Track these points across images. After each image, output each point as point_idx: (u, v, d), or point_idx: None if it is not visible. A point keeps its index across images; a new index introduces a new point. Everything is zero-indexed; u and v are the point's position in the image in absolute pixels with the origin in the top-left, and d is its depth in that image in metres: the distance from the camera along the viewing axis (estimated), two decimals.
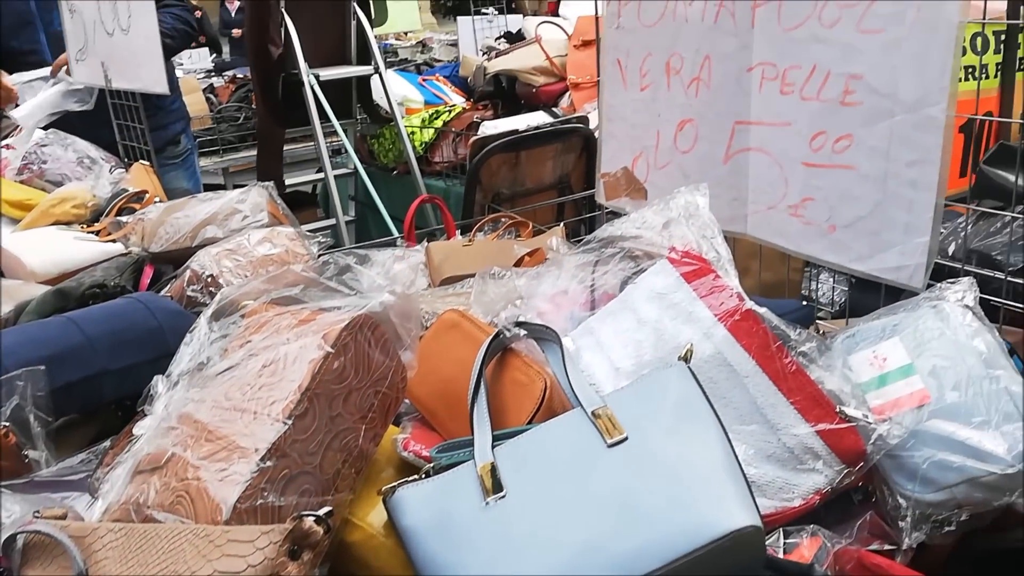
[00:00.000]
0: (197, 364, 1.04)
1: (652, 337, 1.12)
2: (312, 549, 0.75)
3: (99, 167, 2.60)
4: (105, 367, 1.50)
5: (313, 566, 0.76)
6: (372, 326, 0.98)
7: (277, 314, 1.02)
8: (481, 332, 1.14)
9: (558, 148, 2.91)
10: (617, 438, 0.89)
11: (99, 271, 1.91)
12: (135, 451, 0.96)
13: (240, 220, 2.01)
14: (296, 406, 0.89)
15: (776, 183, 1.48)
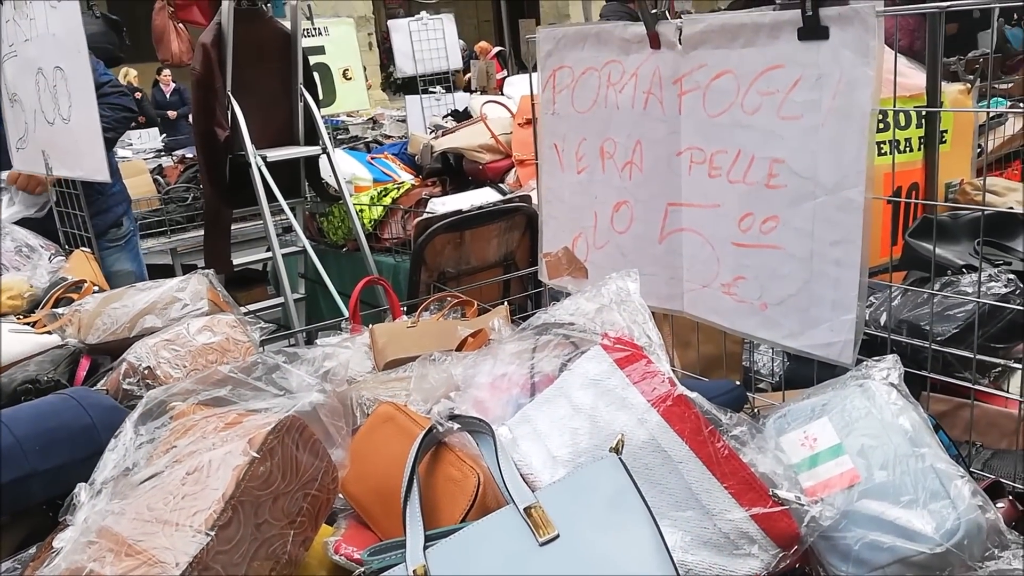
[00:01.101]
0: (122, 470, 1.01)
1: (588, 424, 1.12)
2: None
3: (38, 255, 2.56)
4: (35, 468, 1.45)
5: None
6: (300, 428, 0.96)
7: (204, 417, 1.00)
8: (416, 425, 1.12)
9: (502, 226, 2.94)
10: (548, 536, 0.88)
11: (33, 365, 1.87)
12: (54, 566, 0.92)
13: (180, 309, 1.98)
14: (219, 516, 0.86)
15: (709, 262, 1.51)
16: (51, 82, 2.59)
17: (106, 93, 2.98)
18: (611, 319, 1.16)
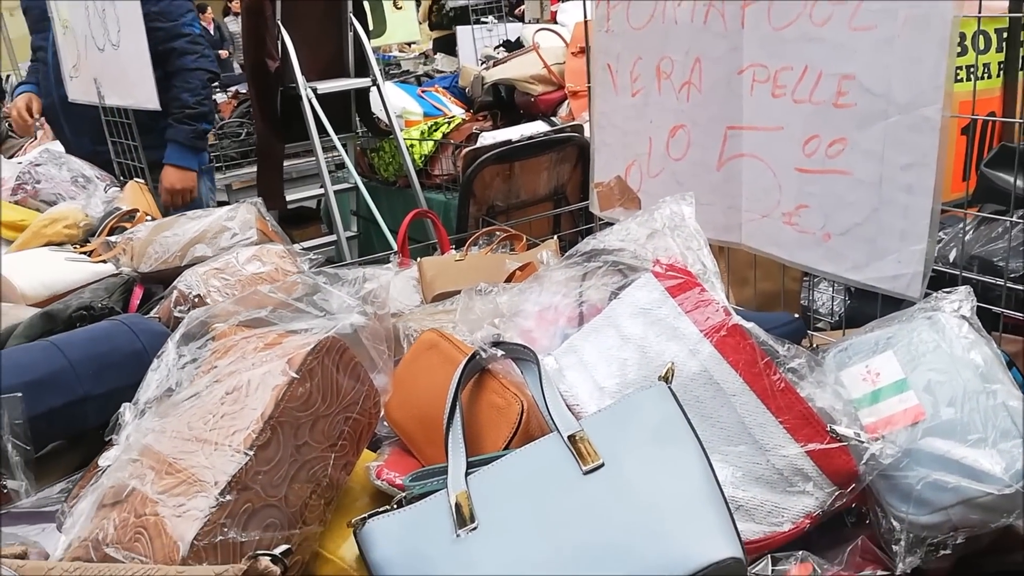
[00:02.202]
0: (164, 391, 1.01)
1: (636, 355, 1.09)
2: None
3: (93, 186, 2.59)
4: (88, 392, 1.48)
5: None
6: (340, 349, 0.94)
7: (244, 338, 0.99)
8: (460, 353, 1.10)
9: (552, 158, 2.87)
10: (592, 465, 0.85)
11: (88, 293, 1.89)
12: (99, 484, 0.93)
13: (229, 238, 1.99)
14: (258, 436, 0.85)
15: (770, 190, 1.44)
16: (100, 6, 2.58)
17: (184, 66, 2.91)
18: (664, 245, 1.12)
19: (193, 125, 2.96)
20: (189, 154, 2.99)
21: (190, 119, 2.94)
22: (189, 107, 2.92)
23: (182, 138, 2.94)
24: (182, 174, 2.95)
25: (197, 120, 2.97)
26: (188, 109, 2.92)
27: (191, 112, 2.93)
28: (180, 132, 2.94)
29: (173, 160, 2.96)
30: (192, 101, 2.92)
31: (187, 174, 2.97)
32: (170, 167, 2.95)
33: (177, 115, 2.92)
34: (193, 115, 2.95)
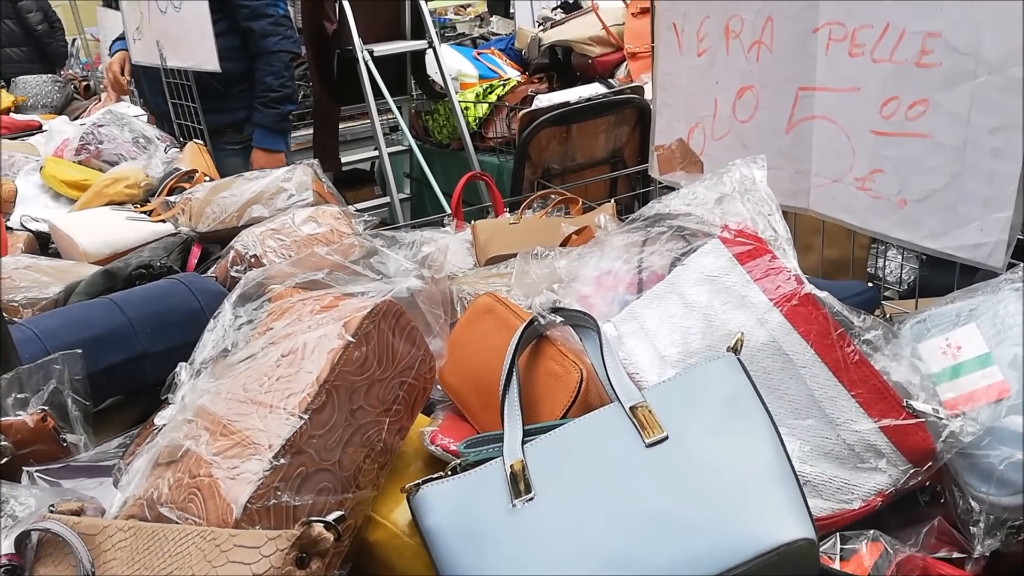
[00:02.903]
0: (220, 351, 0.99)
1: (701, 323, 1.04)
2: (321, 557, 0.70)
3: (154, 147, 2.60)
4: (146, 349, 1.49)
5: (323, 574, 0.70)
6: (397, 313, 0.91)
7: (301, 300, 0.97)
8: (516, 318, 1.06)
9: (611, 121, 2.79)
10: (656, 437, 0.81)
11: (147, 252, 1.90)
12: (154, 443, 0.92)
13: (286, 199, 1.97)
14: (313, 399, 0.83)
15: (842, 153, 1.36)
16: None
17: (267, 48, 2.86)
18: (733, 210, 1.06)
19: (278, 108, 2.93)
20: (276, 137, 2.97)
21: (275, 102, 2.91)
22: (273, 90, 2.89)
23: (268, 122, 2.93)
24: (270, 157, 2.93)
25: (281, 103, 2.94)
26: (272, 92, 2.89)
27: (275, 95, 2.91)
28: (266, 116, 2.92)
29: (261, 144, 2.95)
30: (276, 84, 2.89)
31: (275, 156, 2.95)
32: (259, 151, 2.95)
33: (263, 99, 2.90)
34: (277, 98, 2.92)
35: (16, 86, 4.27)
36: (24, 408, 1.26)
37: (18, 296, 1.73)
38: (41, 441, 1.25)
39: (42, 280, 1.80)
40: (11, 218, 2.27)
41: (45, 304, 1.74)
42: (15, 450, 1.21)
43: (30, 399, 1.28)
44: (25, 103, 4.17)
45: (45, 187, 2.41)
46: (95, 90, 4.86)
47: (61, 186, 2.38)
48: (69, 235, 2.02)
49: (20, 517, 0.88)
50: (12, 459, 1.20)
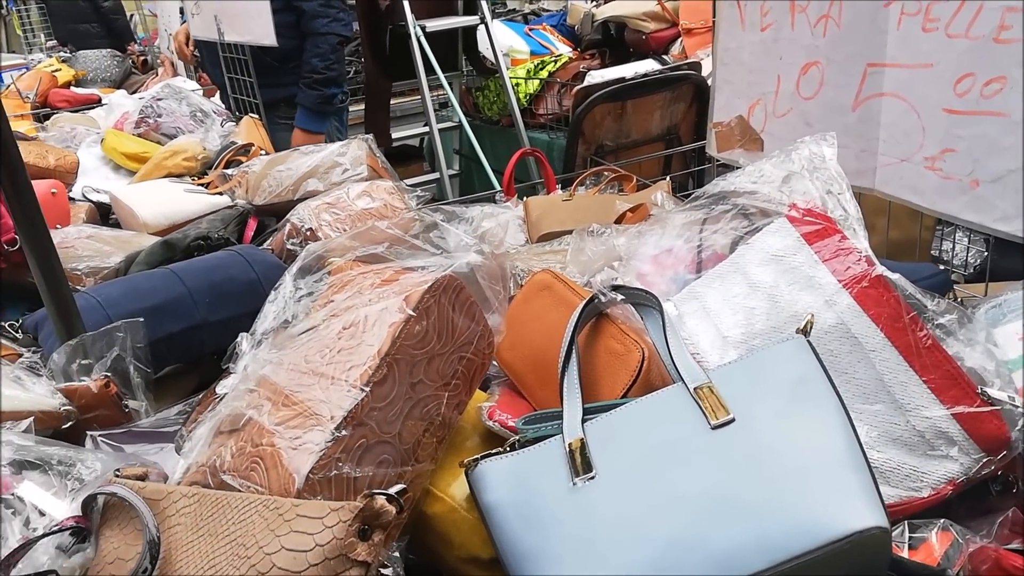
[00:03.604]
0: (281, 322, 0.99)
1: (766, 304, 1.01)
2: (383, 529, 0.69)
3: (211, 120, 2.63)
4: (205, 319, 1.50)
5: (384, 546, 0.70)
6: (457, 288, 0.90)
7: (361, 273, 0.96)
8: (575, 295, 1.04)
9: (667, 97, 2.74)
10: (722, 419, 0.79)
11: (205, 223, 1.92)
12: (216, 411, 0.92)
13: (340, 173, 1.97)
14: (374, 372, 0.82)
15: (912, 132, 1.31)
16: None
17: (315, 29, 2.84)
18: (801, 188, 1.02)
19: (320, 90, 2.91)
20: (317, 118, 2.96)
21: (318, 84, 2.90)
22: (317, 72, 2.88)
23: (309, 103, 2.91)
24: (309, 137, 2.91)
25: (325, 85, 2.92)
26: (316, 74, 2.88)
27: (319, 77, 2.89)
28: (308, 97, 2.91)
29: (302, 124, 2.94)
30: (320, 66, 2.87)
31: (314, 137, 2.92)
32: (299, 131, 2.94)
33: (307, 80, 2.89)
34: (321, 80, 2.90)
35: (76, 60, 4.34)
36: (88, 374, 1.29)
37: (80, 265, 1.76)
38: (104, 406, 1.27)
39: (104, 250, 1.83)
40: (73, 189, 2.31)
41: (106, 273, 1.77)
42: (79, 415, 1.24)
43: (94, 365, 1.30)
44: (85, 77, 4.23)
45: (105, 159, 2.45)
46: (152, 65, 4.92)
47: (121, 158, 2.42)
48: (129, 206, 2.05)
49: (86, 481, 0.89)
50: (76, 423, 1.22)
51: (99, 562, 0.81)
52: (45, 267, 1.24)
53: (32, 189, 1.20)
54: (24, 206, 1.18)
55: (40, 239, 1.21)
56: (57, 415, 1.21)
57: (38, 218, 1.19)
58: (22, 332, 1.55)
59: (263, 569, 0.69)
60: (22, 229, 1.20)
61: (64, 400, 1.23)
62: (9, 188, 1.16)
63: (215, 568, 0.72)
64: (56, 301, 1.28)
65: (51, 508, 0.87)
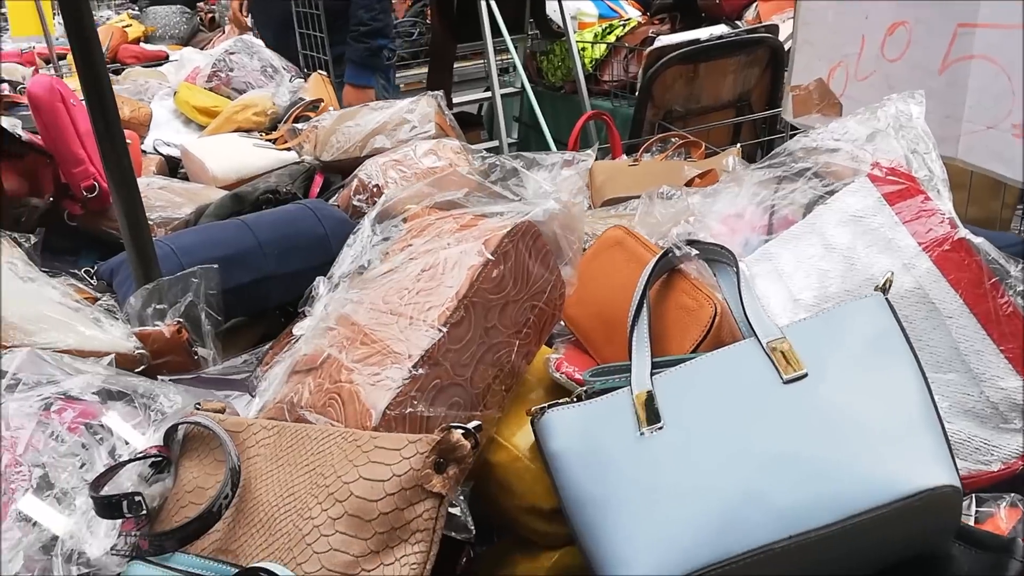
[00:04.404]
0: (358, 266, 1.03)
1: (841, 266, 1.01)
2: (458, 463, 0.72)
3: (280, 76, 2.68)
4: (273, 271, 1.55)
5: (458, 481, 0.73)
6: (534, 235, 0.92)
7: (440, 218, 0.99)
8: (647, 251, 1.06)
9: (741, 61, 2.70)
10: (794, 374, 0.80)
11: (273, 178, 1.97)
12: (293, 351, 0.96)
13: (408, 131, 2.01)
14: (452, 314, 0.85)
15: (1001, 97, 1.28)
16: None
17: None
18: (886, 146, 1.01)
19: (367, 43, 2.92)
20: (365, 72, 2.97)
21: (365, 36, 2.91)
22: (363, 24, 2.89)
23: (357, 57, 2.93)
24: (359, 92, 2.93)
25: (371, 37, 2.93)
26: (363, 26, 2.89)
27: (365, 29, 2.90)
28: (355, 51, 2.92)
29: (351, 79, 2.95)
30: (366, 17, 2.88)
31: (364, 92, 2.95)
32: (348, 86, 2.96)
33: (353, 33, 2.90)
34: (367, 32, 2.91)
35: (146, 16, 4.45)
36: (162, 319, 1.34)
37: (153, 215, 1.82)
38: (175, 352, 1.32)
39: (175, 201, 1.90)
40: (145, 142, 2.39)
41: (177, 224, 1.83)
42: (151, 359, 1.29)
43: (167, 311, 1.35)
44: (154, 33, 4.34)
45: (177, 113, 2.52)
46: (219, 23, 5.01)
47: (192, 112, 2.49)
48: (199, 159, 2.11)
49: (167, 413, 0.94)
50: (147, 368, 1.28)
51: (178, 491, 0.86)
52: (130, 211, 1.29)
53: (123, 133, 1.25)
54: (115, 148, 1.23)
55: (127, 182, 1.26)
56: (132, 358, 1.26)
57: (126, 161, 1.24)
58: (96, 279, 1.62)
59: (341, 497, 0.73)
60: (111, 172, 1.25)
61: (138, 344, 1.28)
62: (102, 130, 1.21)
63: (293, 496, 0.76)
64: (137, 245, 1.34)
65: (134, 438, 0.92)
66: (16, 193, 1.91)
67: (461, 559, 1.09)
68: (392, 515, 0.71)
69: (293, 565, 0.72)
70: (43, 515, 0.81)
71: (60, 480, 0.83)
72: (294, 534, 0.74)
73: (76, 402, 0.89)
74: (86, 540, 0.79)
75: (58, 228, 1.90)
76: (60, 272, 1.67)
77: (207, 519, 0.77)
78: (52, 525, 0.80)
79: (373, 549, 0.70)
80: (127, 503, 0.77)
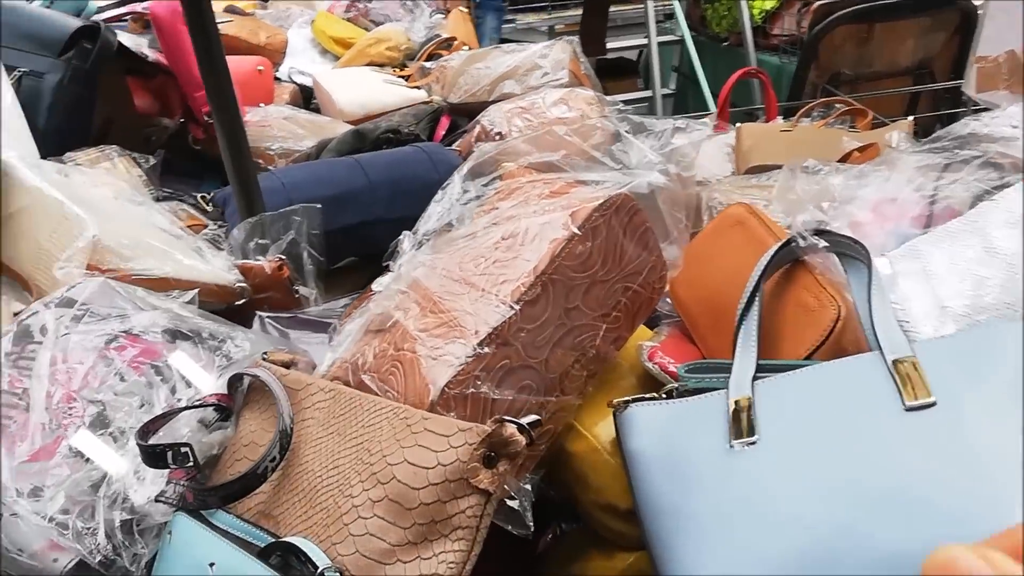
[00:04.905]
0: (444, 224, 0.98)
1: (1003, 274, 0.87)
2: (510, 459, 0.67)
3: (420, 10, 2.65)
4: (381, 216, 1.53)
5: (509, 476, 0.68)
6: (631, 210, 0.84)
7: (530, 181, 0.92)
8: (770, 235, 0.95)
9: (925, 24, 2.44)
10: (920, 401, 0.69)
11: (397, 116, 1.95)
12: (368, 308, 0.93)
13: (539, 76, 1.94)
14: (527, 290, 0.79)
15: None
16: None
17: None
18: None
19: None
20: None
21: None
22: None
23: None
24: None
25: None
26: None
27: None
28: None
29: None
30: None
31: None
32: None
33: None
34: None
35: None
36: (264, 254, 1.35)
37: (274, 145, 1.85)
38: (276, 289, 1.33)
39: (297, 132, 1.91)
40: (280, 69, 2.42)
41: (297, 156, 1.85)
42: (252, 293, 1.30)
43: (270, 246, 1.36)
44: None
45: (314, 41, 2.55)
46: None
47: (328, 42, 2.51)
48: (329, 91, 2.12)
49: (234, 359, 0.93)
50: (248, 302, 1.29)
51: (235, 443, 0.85)
52: (232, 143, 1.30)
53: (226, 65, 1.25)
54: (217, 81, 1.23)
55: (229, 114, 1.26)
56: (232, 291, 1.28)
57: (229, 91, 1.24)
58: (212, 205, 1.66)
59: (383, 479, 0.69)
60: (214, 103, 1.26)
61: (239, 277, 1.30)
62: (205, 62, 1.21)
63: (338, 469, 0.73)
64: (240, 177, 1.35)
65: (198, 380, 0.92)
66: (148, 112, 1.99)
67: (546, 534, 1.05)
68: (433, 507, 0.66)
69: (328, 544, 0.69)
70: (96, 452, 0.82)
71: (117, 419, 0.83)
72: (333, 510, 0.71)
73: (141, 339, 0.89)
74: (133, 485, 0.79)
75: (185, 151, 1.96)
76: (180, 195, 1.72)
77: (250, 480, 0.76)
78: (105, 463, 0.81)
79: (411, 540, 0.66)
80: (172, 454, 0.76)
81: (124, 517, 0.77)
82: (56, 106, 1.69)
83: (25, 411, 0.84)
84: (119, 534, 0.76)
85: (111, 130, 1.83)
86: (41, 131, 1.60)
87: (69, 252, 1.16)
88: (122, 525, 0.77)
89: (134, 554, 0.76)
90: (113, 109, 1.85)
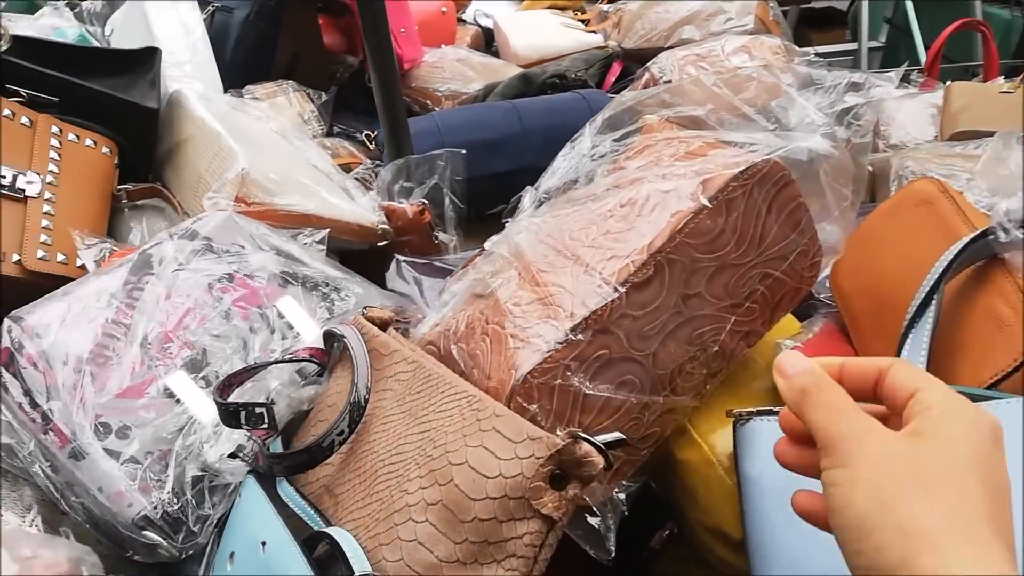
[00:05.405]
0: (568, 181, 0.82)
1: None
2: (582, 483, 0.52)
3: None
4: (532, 163, 1.39)
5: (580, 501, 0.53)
6: (780, 181, 0.65)
7: (665, 139, 0.74)
8: (964, 222, 0.73)
9: None
10: None
11: (567, 61, 1.79)
12: (475, 270, 0.80)
13: (723, 22, 1.70)
14: (637, 271, 0.62)
15: None
16: None
17: None
18: None
19: None
20: None
21: None
22: None
23: None
24: None
25: None
26: None
27: None
28: None
29: None
30: None
31: None
32: None
33: None
34: None
35: None
36: (407, 196, 1.26)
37: (443, 87, 1.74)
38: (416, 233, 1.24)
39: (468, 74, 1.80)
40: (466, 11, 2.31)
41: (464, 99, 1.74)
42: (394, 236, 1.22)
43: (414, 189, 1.27)
44: None
45: None
46: None
47: None
48: (506, 34, 1.99)
49: (335, 314, 0.83)
50: (389, 245, 1.21)
51: (321, 402, 0.75)
52: (384, 83, 1.21)
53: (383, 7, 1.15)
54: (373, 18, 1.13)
55: (382, 54, 1.17)
56: (374, 232, 1.20)
57: (383, 29, 1.14)
58: (375, 144, 1.59)
59: (442, 480, 0.56)
60: (369, 43, 1.16)
61: (383, 218, 1.22)
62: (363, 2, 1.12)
63: (401, 456, 0.61)
64: (389, 115, 1.25)
65: (304, 329, 0.83)
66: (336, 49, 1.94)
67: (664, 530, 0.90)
68: (488, 525, 0.53)
69: (375, 544, 0.58)
70: (189, 394, 0.75)
71: (213, 363, 0.75)
72: (387, 504, 0.59)
73: (249, 282, 0.81)
74: (211, 439, 0.71)
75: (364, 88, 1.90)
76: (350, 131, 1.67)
77: (315, 453, 0.65)
78: (195, 407, 0.73)
79: (459, 558, 0.53)
80: (246, 414, 0.67)
81: (196, 473, 0.69)
82: (242, 40, 1.67)
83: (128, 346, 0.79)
84: (188, 491, 0.68)
85: (297, 65, 1.80)
86: (227, 64, 1.58)
87: (219, 183, 1.11)
88: (193, 481, 0.69)
89: (199, 516, 0.68)
90: (300, 45, 1.82)
